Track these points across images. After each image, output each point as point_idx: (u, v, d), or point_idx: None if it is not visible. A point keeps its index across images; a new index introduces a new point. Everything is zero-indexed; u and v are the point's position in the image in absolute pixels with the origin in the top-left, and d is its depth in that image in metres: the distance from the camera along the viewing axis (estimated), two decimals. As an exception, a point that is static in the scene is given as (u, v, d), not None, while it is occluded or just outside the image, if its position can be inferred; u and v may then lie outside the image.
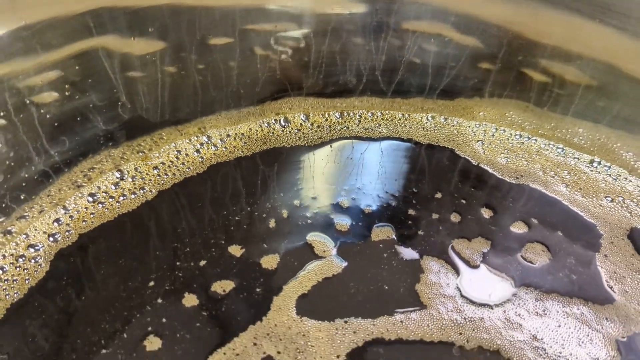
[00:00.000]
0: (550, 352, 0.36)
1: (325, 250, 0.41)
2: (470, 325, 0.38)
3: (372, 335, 0.37)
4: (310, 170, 0.47)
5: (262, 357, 0.35)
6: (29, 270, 0.38)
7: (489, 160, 0.49)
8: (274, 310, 0.38)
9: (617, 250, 0.43)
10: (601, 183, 0.47)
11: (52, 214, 0.41)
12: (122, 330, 0.36)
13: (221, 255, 0.41)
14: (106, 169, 0.44)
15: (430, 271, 0.41)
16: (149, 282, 0.39)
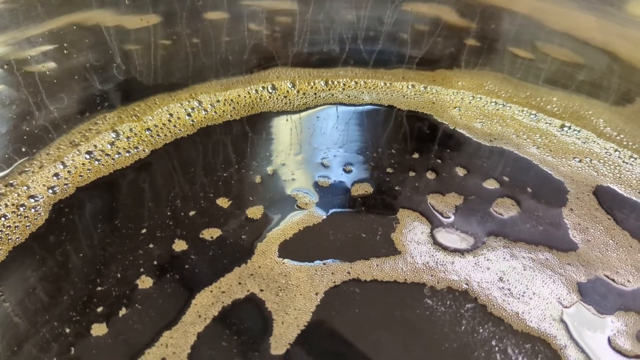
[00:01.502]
0: (515, 291, 0.39)
1: (307, 202, 0.44)
2: (441, 268, 0.40)
3: (349, 276, 0.40)
4: (295, 133, 0.50)
5: (246, 294, 0.38)
6: (30, 218, 0.41)
7: (465, 125, 0.52)
8: (258, 254, 0.40)
9: (582, 204, 0.45)
10: (570, 145, 0.50)
11: (51, 169, 0.44)
12: (116, 270, 0.39)
13: (209, 207, 0.43)
14: (102, 129, 0.47)
15: (405, 222, 0.43)
16: (142, 230, 0.41)
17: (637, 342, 0.37)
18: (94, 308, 0.37)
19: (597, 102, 0.52)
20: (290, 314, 0.37)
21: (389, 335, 0.36)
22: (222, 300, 0.37)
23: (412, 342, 0.36)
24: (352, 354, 0.35)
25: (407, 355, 0.36)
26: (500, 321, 0.38)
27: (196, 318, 0.36)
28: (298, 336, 0.36)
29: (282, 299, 0.38)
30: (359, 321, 0.37)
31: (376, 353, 0.35)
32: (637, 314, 0.38)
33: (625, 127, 0.51)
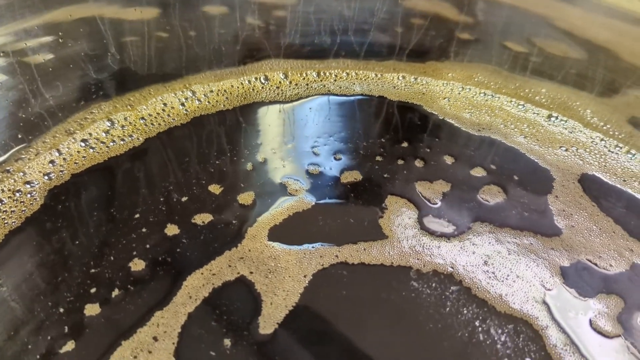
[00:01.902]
0: (499, 275, 0.40)
1: (297, 189, 0.45)
2: (427, 252, 0.41)
3: (337, 259, 0.40)
4: (287, 123, 0.51)
5: (236, 276, 0.39)
6: (25, 203, 0.42)
7: (454, 115, 0.53)
8: (248, 239, 0.41)
9: (567, 192, 0.46)
10: (557, 135, 0.51)
11: (47, 156, 0.45)
12: (109, 253, 0.40)
13: (201, 193, 0.44)
14: (97, 118, 0.48)
15: (392, 208, 0.44)
16: (135, 215, 0.42)
17: (617, 323, 0.38)
18: (87, 289, 0.38)
19: (584, 94, 0.53)
20: (279, 295, 0.38)
21: (375, 316, 0.37)
22: (212, 282, 0.38)
23: (397, 323, 0.37)
24: (338, 335, 0.36)
25: (393, 336, 0.36)
26: (484, 303, 0.38)
27: (187, 299, 0.37)
28: (286, 316, 0.37)
29: (271, 281, 0.39)
30: (346, 303, 0.38)
31: (362, 333, 0.36)
32: (618, 296, 0.39)
33: (612, 117, 0.52)
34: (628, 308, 0.39)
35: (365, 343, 0.36)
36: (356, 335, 0.36)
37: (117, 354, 0.34)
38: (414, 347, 0.36)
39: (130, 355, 0.34)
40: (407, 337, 0.37)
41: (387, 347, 0.36)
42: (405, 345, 0.36)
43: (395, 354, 0.35)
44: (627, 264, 0.41)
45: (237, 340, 0.35)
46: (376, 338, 0.36)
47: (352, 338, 0.36)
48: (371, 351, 0.35)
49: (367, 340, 0.36)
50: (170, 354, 0.34)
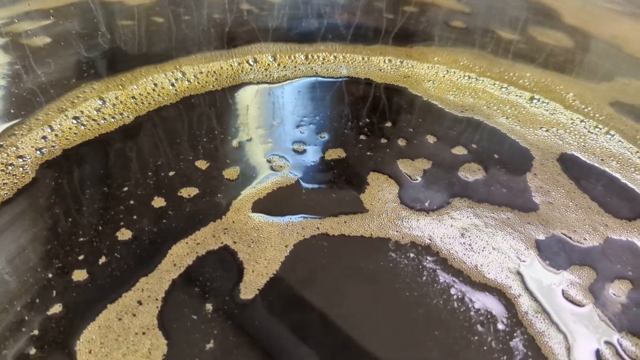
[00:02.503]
0: (475, 247, 0.41)
1: (282, 165, 0.46)
2: (406, 225, 0.42)
3: (318, 231, 0.42)
4: (274, 103, 0.52)
5: (220, 246, 0.40)
6: (18, 176, 0.43)
7: (438, 96, 0.54)
8: (232, 211, 0.42)
9: (546, 170, 0.47)
10: (539, 116, 0.52)
11: (39, 132, 0.46)
12: (97, 224, 0.41)
13: (188, 168, 0.46)
14: (89, 97, 0.49)
15: (374, 183, 0.45)
16: (123, 188, 0.44)
17: (589, 293, 0.39)
18: (75, 256, 0.39)
19: (568, 78, 0.55)
20: (261, 263, 0.39)
21: (353, 284, 0.39)
22: (196, 251, 0.40)
23: (374, 291, 0.38)
24: (317, 301, 0.38)
25: (369, 303, 0.38)
26: (459, 273, 0.40)
27: (171, 266, 0.39)
28: (267, 283, 0.38)
29: (253, 250, 0.40)
30: (325, 271, 0.39)
31: (340, 301, 0.38)
32: (591, 268, 0.41)
33: (594, 100, 0.53)
34: (599, 279, 0.40)
35: (342, 310, 0.37)
36: (334, 302, 0.37)
37: (102, 316, 0.36)
38: (390, 314, 0.37)
39: (115, 318, 0.36)
40: (383, 304, 0.38)
41: (364, 313, 0.37)
42: (381, 312, 0.37)
43: (372, 320, 0.37)
44: (601, 238, 0.43)
45: (219, 305, 0.37)
46: (353, 305, 0.37)
47: (330, 305, 0.37)
48: (348, 318, 0.37)
49: (344, 307, 0.37)
50: (154, 317, 0.36)
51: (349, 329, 0.36)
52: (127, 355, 0.34)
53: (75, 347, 0.34)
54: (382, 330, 0.36)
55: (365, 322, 0.37)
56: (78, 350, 0.34)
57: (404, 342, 0.36)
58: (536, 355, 0.35)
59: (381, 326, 0.36)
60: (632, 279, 0.40)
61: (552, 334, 0.36)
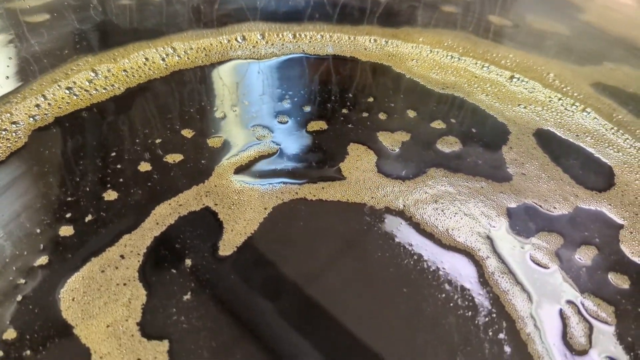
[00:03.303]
0: (448, 212, 0.43)
1: (265, 135, 0.48)
2: (381, 192, 0.44)
3: (297, 196, 0.43)
4: (261, 78, 0.54)
5: (202, 207, 0.42)
6: (11, 140, 0.45)
7: (420, 74, 0.55)
8: (215, 176, 0.44)
9: (522, 144, 0.49)
10: (518, 94, 0.54)
11: (33, 100, 0.48)
12: (85, 185, 0.43)
13: (174, 136, 0.47)
14: (82, 69, 0.51)
15: (353, 153, 0.47)
16: (112, 153, 0.46)
17: (555, 257, 0.41)
18: (63, 214, 0.41)
19: (552, 60, 0.56)
20: (240, 223, 0.41)
21: (327, 245, 0.40)
22: (179, 212, 0.41)
23: (347, 251, 0.40)
24: (292, 259, 0.39)
25: (342, 262, 0.39)
26: (431, 236, 0.41)
27: (154, 225, 0.40)
28: (245, 241, 0.40)
29: (233, 211, 0.42)
30: (302, 232, 0.41)
31: (314, 259, 0.39)
32: (558, 234, 0.42)
33: (574, 80, 0.54)
34: (566, 244, 0.41)
35: (315, 267, 0.39)
36: (308, 260, 0.39)
37: (86, 268, 0.37)
38: (361, 272, 0.39)
39: (98, 270, 0.37)
40: (356, 263, 0.39)
41: (336, 271, 0.39)
42: (353, 270, 0.39)
43: (343, 278, 0.38)
44: (570, 207, 0.44)
45: (197, 261, 0.38)
46: (327, 263, 0.39)
47: (304, 262, 0.39)
48: (321, 275, 0.38)
49: (317, 265, 0.39)
50: (135, 270, 0.38)
51: (321, 285, 0.38)
52: (108, 303, 0.36)
53: (59, 295, 0.36)
54: (352, 286, 0.38)
55: (337, 279, 0.38)
56: (62, 298, 0.36)
57: (373, 297, 0.37)
58: (500, 312, 0.37)
59: (352, 283, 0.38)
60: (598, 245, 0.41)
61: (516, 293, 0.38)
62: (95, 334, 0.34)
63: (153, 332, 0.35)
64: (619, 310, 0.38)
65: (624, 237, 0.42)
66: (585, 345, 0.35)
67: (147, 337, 0.34)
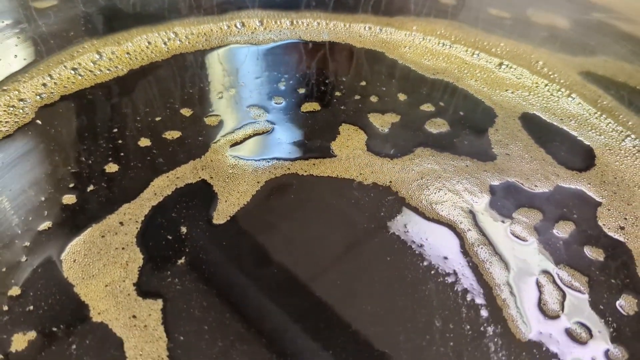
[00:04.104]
0: (432, 188, 0.45)
1: (260, 115, 0.50)
2: (369, 169, 0.46)
3: (289, 171, 0.45)
4: (258, 62, 0.56)
5: (197, 179, 0.44)
6: (19, 116, 0.48)
7: (412, 60, 0.57)
8: (211, 152, 0.46)
9: (507, 126, 0.51)
10: (506, 80, 0.55)
11: (39, 79, 0.51)
12: (88, 158, 0.45)
13: (174, 114, 0.50)
14: (87, 51, 0.54)
15: (344, 133, 0.49)
16: (113, 129, 0.48)
17: (533, 231, 0.42)
18: (66, 184, 0.43)
19: (542, 50, 0.58)
20: (234, 195, 0.43)
21: (316, 215, 0.42)
22: (176, 183, 0.44)
23: (335, 223, 0.42)
24: (282, 227, 0.41)
25: (329, 232, 0.41)
26: (415, 209, 0.43)
27: (152, 195, 0.43)
28: (238, 211, 0.42)
29: (228, 184, 0.44)
30: (292, 204, 0.43)
31: (303, 229, 0.41)
32: (538, 210, 0.44)
33: (563, 68, 0.56)
34: (545, 219, 0.43)
35: (304, 237, 0.41)
36: (298, 230, 0.41)
37: (87, 233, 0.40)
38: (348, 241, 0.41)
39: (98, 235, 0.40)
40: (342, 232, 0.41)
41: (324, 240, 0.41)
42: (339, 239, 0.41)
43: (331, 246, 0.40)
44: (551, 185, 0.46)
45: (192, 228, 0.41)
46: (315, 234, 0.41)
47: (293, 232, 0.41)
48: (309, 242, 0.40)
49: (306, 235, 0.41)
50: (133, 236, 0.40)
51: (308, 253, 0.40)
52: (107, 265, 0.38)
53: (61, 257, 0.38)
54: (338, 254, 0.40)
55: (324, 247, 0.40)
56: (63, 260, 0.38)
57: (357, 264, 0.39)
58: (478, 279, 0.39)
59: (338, 251, 0.40)
60: (576, 221, 0.43)
61: (494, 262, 0.40)
62: (94, 292, 0.36)
63: (148, 291, 0.37)
64: (592, 280, 0.39)
65: (602, 214, 0.44)
66: (558, 311, 0.37)
67: (143, 296, 0.36)
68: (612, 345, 0.36)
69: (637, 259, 0.41)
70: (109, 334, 0.34)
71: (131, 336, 0.34)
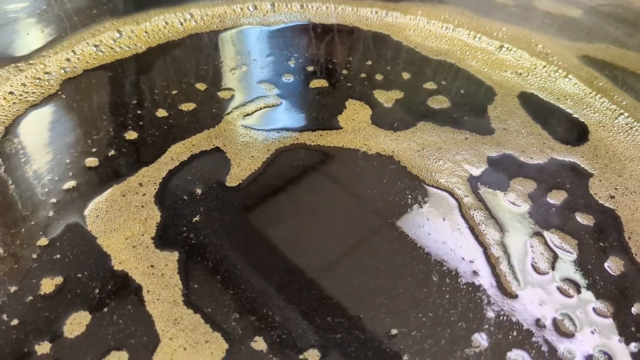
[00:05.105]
0: (431, 157, 0.47)
1: (271, 89, 0.53)
2: (374, 140, 0.49)
3: (297, 141, 0.48)
4: (269, 41, 0.59)
5: (212, 147, 0.47)
6: (44, 87, 0.51)
7: (416, 43, 0.60)
8: (224, 122, 0.49)
9: (506, 104, 0.53)
10: (506, 62, 0.58)
11: (64, 55, 0.54)
12: (109, 126, 0.48)
13: (189, 88, 0.52)
14: (108, 30, 0.57)
15: (350, 108, 0.52)
16: (132, 101, 0.51)
17: (527, 198, 0.45)
18: (88, 149, 0.46)
19: (545, 36, 0.60)
20: (245, 161, 0.46)
21: (322, 181, 0.45)
22: (191, 150, 0.47)
23: (339, 188, 0.45)
24: (290, 190, 0.44)
25: (334, 197, 0.44)
26: (415, 177, 0.46)
27: (169, 160, 0.46)
28: (249, 176, 0.45)
29: (240, 151, 0.47)
30: (300, 170, 0.46)
31: (309, 194, 0.44)
32: (533, 180, 0.46)
33: (561, 51, 0.59)
34: (539, 188, 0.46)
35: (311, 200, 0.44)
36: (304, 194, 0.44)
37: (108, 193, 0.43)
38: (352, 204, 0.44)
39: (119, 194, 0.43)
40: (346, 197, 0.44)
41: (329, 202, 0.44)
42: (343, 203, 0.44)
43: (335, 208, 0.43)
44: (545, 157, 0.48)
45: (206, 189, 0.43)
46: (321, 197, 0.44)
47: (300, 195, 0.44)
48: (314, 205, 0.43)
49: (312, 198, 0.44)
50: (152, 196, 0.43)
51: (315, 213, 0.43)
52: (127, 221, 0.41)
53: (85, 212, 0.41)
54: (342, 215, 0.43)
55: (328, 208, 0.43)
56: (87, 215, 0.41)
57: (361, 225, 0.42)
58: (473, 239, 0.41)
59: (342, 212, 0.43)
60: (568, 190, 0.46)
61: (489, 225, 0.42)
62: (115, 244, 0.39)
63: (165, 244, 0.40)
64: (582, 243, 0.42)
65: (593, 184, 0.46)
66: (548, 269, 0.40)
67: (160, 248, 0.39)
68: (599, 301, 0.38)
69: (625, 225, 0.43)
70: (129, 280, 0.37)
71: (149, 283, 0.37)
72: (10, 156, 0.45)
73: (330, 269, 0.39)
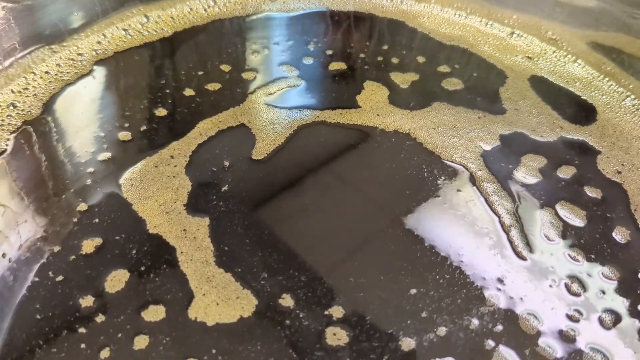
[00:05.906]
0: (446, 135, 0.50)
1: (292, 71, 0.55)
2: (391, 118, 0.51)
3: (318, 119, 0.51)
4: (289, 27, 0.61)
5: (237, 124, 0.50)
6: (77, 68, 0.54)
7: (430, 29, 0.62)
8: (248, 101, 0.52)
9: (517, 86, 0.56)
10: (517, 47, 0.60)
11: (95, 38, 0.57)
12: (140, 103, 0.51)
13: (214, 70, 0.55)
14: (136, 15, 0.59)
15: (368, 88, 0.54)
16: (161, 81, 0.54)
17: (538, 172, 0.47)
18: (122, 124, 0.49)
19: (555, 24, 0.62)
20: (270, 136, 0.48)
21: (342, 157, 0.48)
22: (218, 126, 0.49)
23: (359, 163, 0.47)
24: (313, 162, 0.47)
25: (353, 169, 0.47)
26: (431, 153, 0.48)
27: (198, 135, 0.48)
28: (274, 149, 0.47)
29: (264, 127, 0.49)
30: (321, 146, 0.48)
31: (331, 166, 0.47)
32: (544, 157, 0.49)
33: (571, 38, 0.61)
34: (549, 164, 0.48)
35: (331, 172, 0.46)
36: (325, 167, 0.47)
37: (141, 164, 0.45)
38: (371, 176, 0.46)
39: (152, 165, 0.45)
40: (365, 170, 0.47)
41: (348, 175, 0.46)
42: (364, 175, 0.46)
43: (356, 179, 0.46)
44: (556, 136, 0.51)
45: (233, 162, 0.46)
46: (340, 170, 0.46)
47: (321, 167, 0.46)
48: (335, 177, 0.46)
49: (333, 171, 0.46)
50: (183, 167, 0.45)
51: (335, 185, 0.45)
52: (160, 189, 0.43)
53: (120, 181, 0.44)
54: (362, 185, 0.45)
55: (348, 180, 0.46)
56: (122, 184, 0.44)
57: (379, 196, 0.45)
58: (487, 209, 0.44)
59: (362, 183, 0.45)
60: (577, 166, 0.48)
61: (502, 196, 0.45)
62: (149, 210, 0.42)
63: (197, 211, 0.42)
64: (590, 214, 0.44)
65: (601, 161, 0.48)
66: (557, 238, 0.42)
67: (192, 214, 0.42)
68: (606, 266, 0.40)
69: (632, 198, 0.45)
70: (163, 243, 0.40)
71: (182, 245, 0.40)
72: (49, 130, 0.48)
73: (351, 235, 0.42)
